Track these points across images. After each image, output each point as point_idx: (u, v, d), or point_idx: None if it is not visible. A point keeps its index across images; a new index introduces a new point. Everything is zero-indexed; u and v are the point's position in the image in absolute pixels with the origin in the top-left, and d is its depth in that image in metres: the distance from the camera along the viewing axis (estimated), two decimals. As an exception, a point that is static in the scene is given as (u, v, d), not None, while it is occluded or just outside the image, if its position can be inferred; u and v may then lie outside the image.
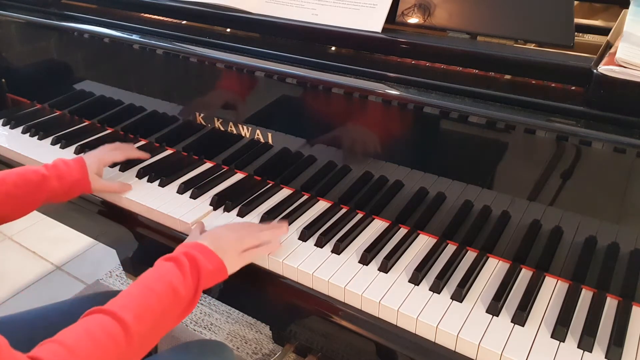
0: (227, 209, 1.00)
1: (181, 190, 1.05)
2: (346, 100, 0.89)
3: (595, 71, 0.70)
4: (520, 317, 0.75)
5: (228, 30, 1.08)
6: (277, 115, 1.01)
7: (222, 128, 1.08)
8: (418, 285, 0.82)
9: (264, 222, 0.95)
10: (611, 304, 0.79)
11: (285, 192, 1.06)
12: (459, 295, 0.79)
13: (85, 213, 1.13)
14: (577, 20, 0.88)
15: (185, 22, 1.14)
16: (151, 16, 1.18)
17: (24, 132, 1.30)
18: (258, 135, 1.04)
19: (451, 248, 0.90)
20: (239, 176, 1.11)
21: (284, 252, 0.88)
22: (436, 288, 0.81)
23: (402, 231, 0.94)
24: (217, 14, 1.06)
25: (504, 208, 0.83)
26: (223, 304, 1.74)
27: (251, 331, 1.63)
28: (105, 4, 1.25)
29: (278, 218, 0.97)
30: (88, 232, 1.25)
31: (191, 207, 1.01)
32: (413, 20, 0.90)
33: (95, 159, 1.03)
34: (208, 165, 1.15)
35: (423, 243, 0.92)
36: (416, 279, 0.82)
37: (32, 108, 1.42)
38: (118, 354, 0.64)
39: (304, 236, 0.92)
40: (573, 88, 0.77)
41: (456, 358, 0.74)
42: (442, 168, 0.86)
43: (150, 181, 1.09)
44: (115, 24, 1.16)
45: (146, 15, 1.19)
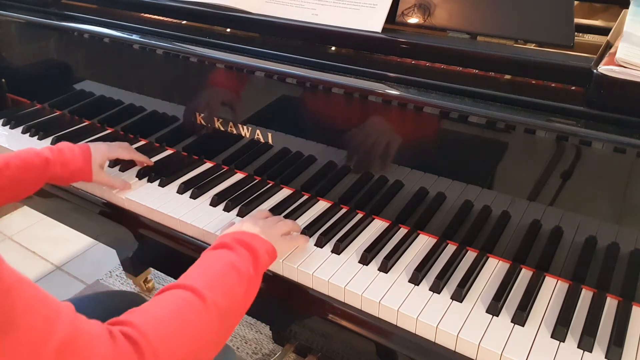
0: (227, 209, 1.00)
1: (181, 190, 1.05)
2: (346, 100, 0.89)
3: (595, 71, 0.70)
4: (520, 317, 0.75)
5: (228, 30, 1.08)
6: (277, 115, 1.01)
7: (222, 128, 1.08)
8: (418, 285, 0.82)
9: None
10: (611, 304, 0.79)
11: (285, 192, 1.06)
12: (459, 295, 0.79)
13: (85, 213, 1.13)
14: (577, 20, 0.88)
15: (185, 22, 1.14)
16: (151, 16, 1.18)
17: (24, 132, 1.30)
18: (258, 135, 1.04)
19: (451, 248, 0.90)
20: (239, 176, 1.11)
21: (284, 253, 0.88)
22: (436, 288, 0.81)
23: (402, 231, 0.94)
24: (217, 14, 1.06)
25: (504, 208, 0.83)
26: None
27: (251, 331, 1.63)
28: (105, 4, 1.25)
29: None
30: (88, 232, 1.25)
31: (191, 207, 1.01)
32: (413, 20, 0.90)
33: (100, 152, 1.03)
34: (208, 165, 1.15)
35: (423, 243, 0.92)
36: (416, 279, 0.82)
37: (32, 108, 1.42)
38: (199, 321, 0.64)
39: (304, 236, 0.92)
40: (573, 88, 0.77)
41: (456, 358, 0.74)
42: (442, 168, 0.86)
43: (150, 181, 1.09)
44: (115, 24, 1.16)
45: (146, 15, 1.19)
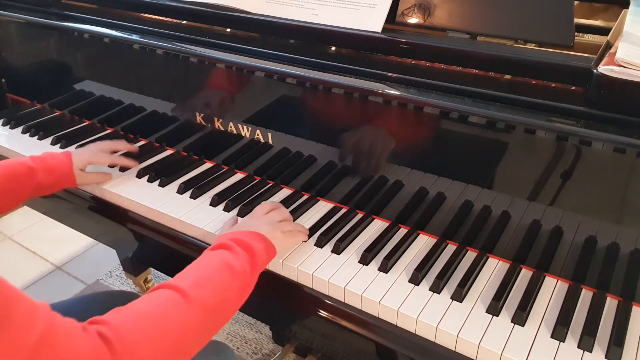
0: (227, 209, 1.00)
1: (181, 190, 1.05)
2: (346, 100, 0.89)
3: (595, 71, 0.70)
4: (520, 317, 0.75)
5: (228, 30, 1.08)
6: (277, 115, 1.01)
7: (222, 128, 1.08)
8: (418, 285, 0.82)
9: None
10: (611, 304, 0.79)
11: (285, 192, 1.06)
12: (459, 295, 0.79)
13: (85, 213, 1.13)
14: (577, 20, 0.88)
15: (185, 22, 1.14)
16: (151, 16, 1.18)
17: (24, 132, 1.30)
18: (258, 135, 1.04)
19: (451, 248, 0.90)
20: (239, 176, 1.11)
21: (284, 249, 0.88)
22: (436, 288, 0.81)
23: (402, 231, 0.94)
24: (217, 14, 1.06)
25: (504, 208, 0.83)
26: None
27: (251, 331, 1.63)
28: (105, 4, 1.25)
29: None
30: (88, 232, 1.25)
31: (191, 207, 1.01)
32: (413, 20, 0.90)
33: (82, 158, 1.05)
34: (208, 165, 1.15)
35: (423, 243, 0.92)
36: (416, 279, 0.82)
37: (32, 108, 1.42)
38: (180, 317, 0.65)
39: (304, 236, 0.92)
40: (573, 88, 0.77)
41: (456, 358, 0.74)
42: (442, 168, 0.86)
43: (150, 181, 1.09)
44: (115, 24, 1.16)
45: (146, 15, 1.19)
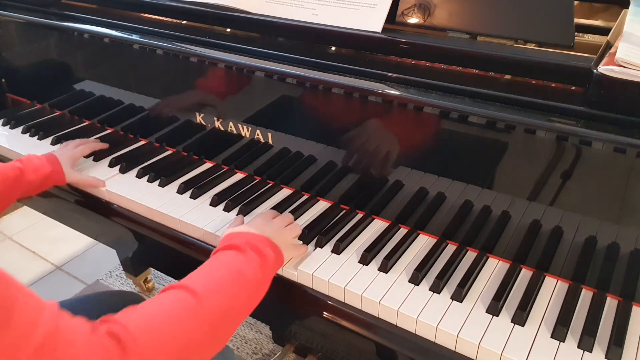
0: (227, 209, 1.00)
1: (181, 190, 1.05)
2: (346, 100, 0.89)
3: (595, 71, 0.70)
4: (520, 317, 0.75)
5: (228, 30, 1.08)
6: (277, 115, 1.01)
7: (222, 128, 1.08)
8: (418, 285, 0.82)
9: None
10: (611, 304, 0.79)
11: (285, 192, 1.06)
12: (459, 295, 0.79)
13: (85, 213, 1.13)
14: (577, 20, 0.88)
15: (185, 22, 1.14)
16: (151, 16, 1.18)
17: (24, 132, 1.30)
18: (258, 135, 1.04)
19: (451, 248, 0.90)
20: (239, 176, 1.11)
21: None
22: (436, 288, 0.81)
23: (402, 231, 0.94)
24: (217, 14, 1.06)
25: (504, 208, 0.83)
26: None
27: (251, 331, 1.63)
28: (105, 4, 1.25)
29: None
30: (88, 232, 1.25)
31: (191, 207, 1.01)
32: (413, 20, 0.90)
33: (65, 155, 1.08)
34: (208, 165, 1.15)
35: (423, 243, 0.92)
36: (416, 279, 0.82)
37: (32, 108, 1.42)
38: (191, 319, 0.64)
39: (304, 236, 0.92)
40: (573, 88, 0.77)
41: (456, 358, 0.74)
42: (442, 168, 0.86)
43: (150, 181, 1.09)
44: (115, 24, 1.16)
45: (146, 15, 1.19)
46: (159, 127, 1.20)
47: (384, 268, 0.85)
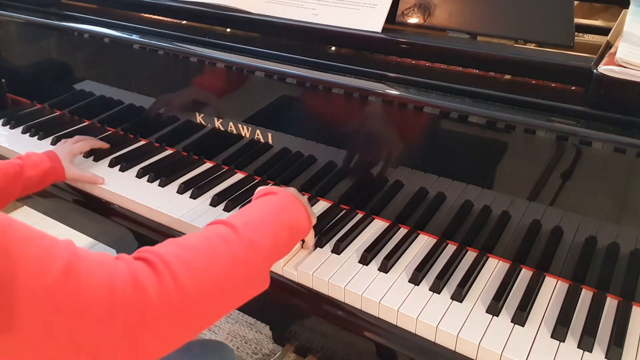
0: (227, 209, 1.00)
1: (181, 190, 1.05)
2: (346, 100, 0.89)
3: (595, 71, 0.70)
4: (520, 317, 0.75)
5: (228, 30, 1.08)
6: (277, 115, 1.01)
7: (222, 128, 1.08)
8: (418, 285, 0.82)
9: None
10: (611, 304, 0.79)
11: (285, 192, 1.06)
12: (459, 295, 0.79)
13: (85, 213, 1.13)
14: (577, 20, 0.88)
15: (185, 22, 1.14)
16: (151, 16, 1.18)
17: (24, 132, 1.30)
18: (258, 135, 1.04)
19: (451, 248, 0.90)
20: (239, 176, 1.11)
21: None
22: (436, 288, 0.81)
23: (402, 231, 0.94)
24: (217, 14, 1.06)
25: (504, 208, 0.83)
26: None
27: (251, 331, 1.63)
28: (105, 4, 1.25)
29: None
30: (88, 232, 1.25)
31: (191, 207, 1.01)
32: (413, 20, 0.90)
33: (64, 152, 1.08)
34: (208, 165, 1.15)
35: (423, 243, 0.92)
36: (416, 279, 0.82)
37: (32, 108, 1.42)
38: (229, 251, 0.63)
39: (304, 236, 0.92)
40: (573, 88, 0.77)
41: (456, 358, 0.74)
42: (442, 168, 0.86)
43: (150, 181, 1.09)
44: (115, 24, 1.16)
45: (146, 15, 1.19)
46: (159, 127, 1.20)
47: (384, 268, 0.85)
